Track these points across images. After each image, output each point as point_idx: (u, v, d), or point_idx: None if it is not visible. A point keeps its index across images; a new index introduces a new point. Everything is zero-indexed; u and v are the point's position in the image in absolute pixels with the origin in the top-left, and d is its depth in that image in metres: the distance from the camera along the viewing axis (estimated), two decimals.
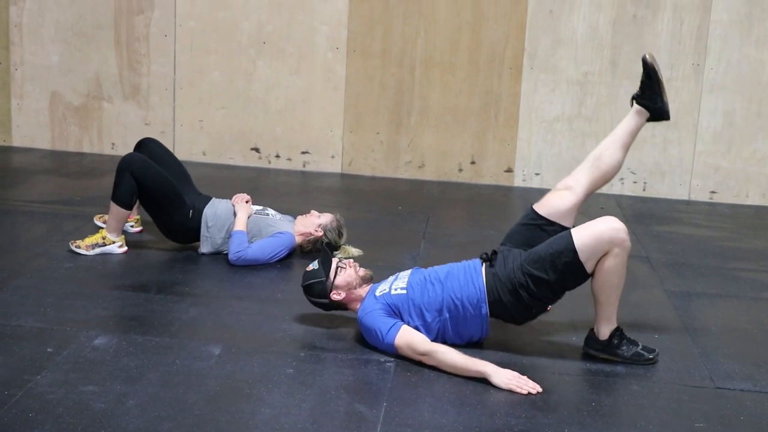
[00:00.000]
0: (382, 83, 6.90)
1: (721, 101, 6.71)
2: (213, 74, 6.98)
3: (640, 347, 3.83)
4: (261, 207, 5.11)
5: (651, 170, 6.85)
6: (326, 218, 5.04)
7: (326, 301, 3.96)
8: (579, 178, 4.01)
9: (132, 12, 6.93)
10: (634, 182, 6.87)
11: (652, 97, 4.00)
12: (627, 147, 4.07)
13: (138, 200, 4.86)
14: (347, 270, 3.94)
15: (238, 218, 4.89)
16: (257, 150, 7.05)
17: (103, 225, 5.00)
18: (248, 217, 4.93)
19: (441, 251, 5.21)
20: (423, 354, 3.66)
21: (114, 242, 4.83)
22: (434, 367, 3.64)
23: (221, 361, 3.64)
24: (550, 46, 6.75)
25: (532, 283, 3.71)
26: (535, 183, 6.93)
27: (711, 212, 6.58)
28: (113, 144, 7.11)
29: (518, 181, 6.96)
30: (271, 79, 6.96)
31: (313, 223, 5.01)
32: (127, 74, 7.01)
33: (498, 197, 6.68)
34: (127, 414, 3.17)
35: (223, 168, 6.95)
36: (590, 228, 3.67)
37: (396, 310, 3.80)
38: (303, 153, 7.04)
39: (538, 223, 3.95)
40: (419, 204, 6.32)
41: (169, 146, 6.34)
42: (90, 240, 4.82)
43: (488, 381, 3.54)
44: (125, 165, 4.76)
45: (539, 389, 3.51)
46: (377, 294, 3.87)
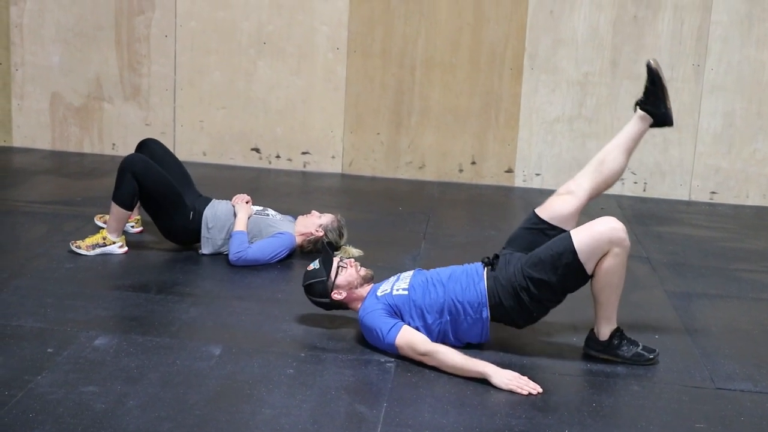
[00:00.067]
0: (383, 83, 6.90)
1: (722, 102, 6.71)
2: (213, 74, 6.98)
3: (641, 347, 3.83)
4: (261, 207, 5.11)
5: (651, 171, 6.85)
6: (327, 218, 5.04)
7: (327, 301, 3.96)
8: (581, 183, 4.01)
9: (132, 12, 6.93)
10: (635, 183, 6.87)
11: (656, 103, 4.00)
12: (630, 152, 4.09)
13: (139, 201, 4.86)
14: (348, 269, 3.94)
15: (239, 219, 4.89)
16: (258, 150, 7.05)
17: (104, 225, 5.00)
18: (248, 218, 4.93)
19: (441, 252, 5.21)
20: (423, 354, 3.66)
21: (114, 242, 4.83)
22: (435, 368, 3.64)
23: (222, 362, 3.63)
24: (551, 47, 6.75)
25: (533, 286, 3.71)
26: (536, 183, 6.93)
27: (711, 213, 6.58)
28: (114, 144, 7.11)
29: (519, 182, 6.96)
30: (272, 80, 6.96)
31: (314, 224, 5.01)
32: (128, 75, 7.01)
33: (498, 198, 6.68)
34: (128, 414, 3.17)
35: (224, 168, 6.95)
36: (589, 228, 3.67)
37: (397, 311, 3.80)
38: (303, 153, 7.04)
39: (541, 227, 3.95)
40: (420, 204, 6.32)
41: (170, 147, 6.34)
42: (90, 240, 4.82)
43: (489, 382, 3.54)
44: (127, 166, 4.76)
45: (540, 390, 3.51)
46: (379, 294, 3.87)
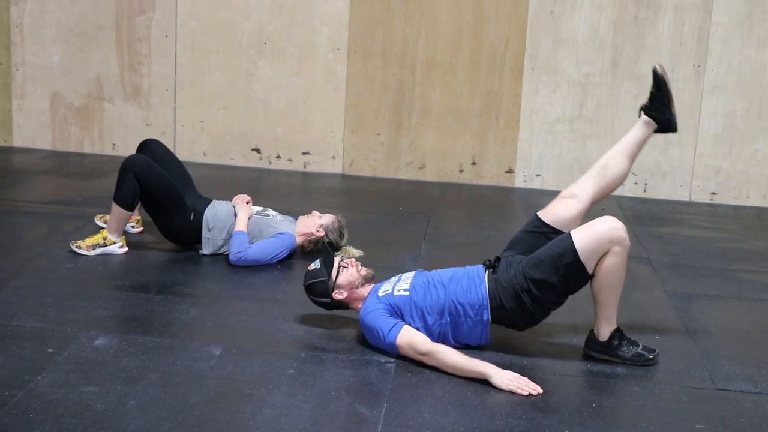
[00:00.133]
0: (383, 84, 6.90)
1: (722, 102, 6.71)
2: (214, 75, 6.98)
3: (641, 348, 3.83)
4: (262, 208, 5.11)
5: (652, 171, 6.85)
6: (328, 219, 5.04)
7: (328, 301, 3.96)
8: (584, 187, 4.02)
9: (133, 13, 6.93)
10: (635, 183, 6.87)
11: (661, 109, 4.01)
12: (633, 157, 4.10)
13: (139, 201, 4.86)
14: (349, 269, 3.94)
15: (239, 219, 4.89)
16: (258, 151, 7.05)
17: (104, 225, 5.00)
18: (249, 218, 4.93)
19: (442, 252, 5.21)
20: (424, 354, 3.66)
21: (115, 243, 4.83)
22: (435, 368, 3.64)
23: (222, 362, 3.63)
24: (551, 47, 6.75)
25: (535, 287, 3.71)
26: (536, 184, 6.93)
27: (712, 213, 6.58)
28: (114, 145, 7.11)
29: (519, 182, 6.95)
30: (272, 80, 6.96)
31: (315, 224, 5.01)
32: (128, 75, 7.01)
33: (499, 198, 6.68)
34: (128, 414, 3.17)
35: (224, 169, 6.95)
36: (589, 228, 3.67)
37: (398, 311, 3.80)
38: (304, 154, 7.04)
39: (543, 231, 3.95)
40: (420, 205, 6.32)
41: (170, 147, 6.33)
42: (91, 240, 4.82)
43: (489, 382, 3.54)
44: (128, 166, 4.76)
45: (540, 390, 3.51)
46: (380, 294, 3.87)
